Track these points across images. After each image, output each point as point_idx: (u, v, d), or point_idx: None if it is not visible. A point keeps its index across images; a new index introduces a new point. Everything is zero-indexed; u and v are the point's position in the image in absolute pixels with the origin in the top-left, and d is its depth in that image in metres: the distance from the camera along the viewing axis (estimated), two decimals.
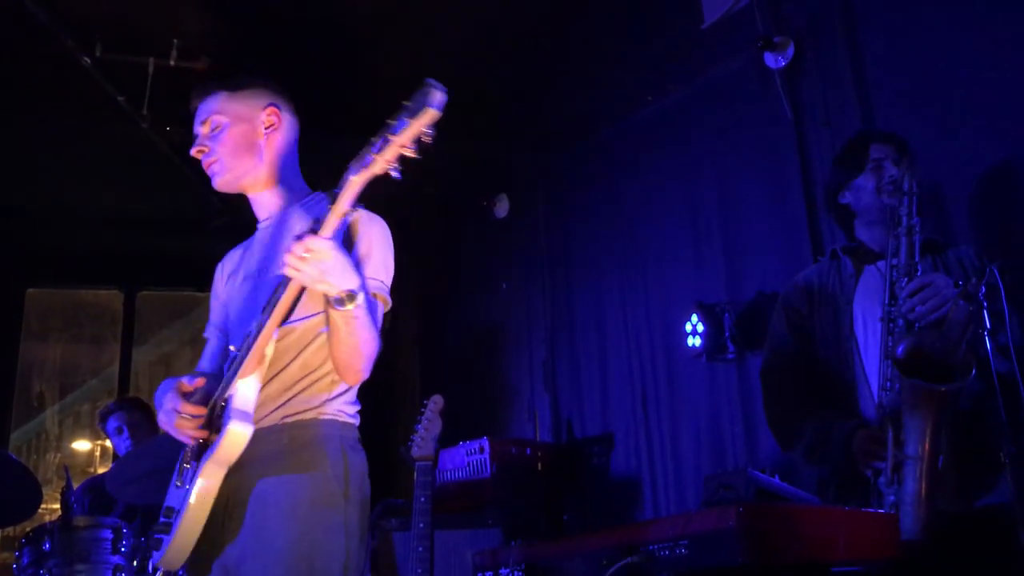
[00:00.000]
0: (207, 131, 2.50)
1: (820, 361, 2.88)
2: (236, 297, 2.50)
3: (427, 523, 3.62)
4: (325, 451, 2.30)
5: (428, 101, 1.83)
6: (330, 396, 2.36)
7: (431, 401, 3.93)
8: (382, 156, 1.89)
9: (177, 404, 2.24)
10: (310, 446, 2.29)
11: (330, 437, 2.33)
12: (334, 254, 2.05)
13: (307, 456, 2.28)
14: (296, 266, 2.05)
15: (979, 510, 2.43)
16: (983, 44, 3.22)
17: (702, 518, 2.16)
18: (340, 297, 2.10)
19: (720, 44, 4.32)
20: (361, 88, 5.13)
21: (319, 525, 2.22)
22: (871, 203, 2.87)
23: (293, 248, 2.04)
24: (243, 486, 2.25)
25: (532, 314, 5.58)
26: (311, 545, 2.19)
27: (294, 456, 2.27)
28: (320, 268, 2.05)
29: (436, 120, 1.85)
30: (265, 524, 2.21)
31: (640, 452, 4.54)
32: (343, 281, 2.09)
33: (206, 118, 2.51)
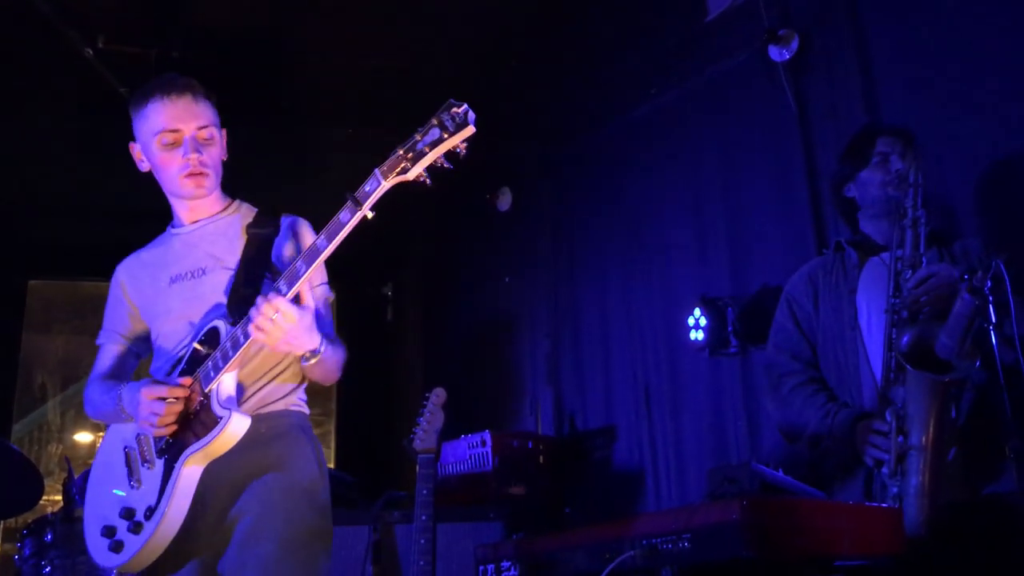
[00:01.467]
0: (203, 138, 2.43)
1: (824, 353, 2.89)
2: (167, 300, 2.46)
3: (429, 516, 3.62)
4: (303, 439, 2.39)
5: (468, 119, 1.97)
6: (296, 386, 2.46)
7: (433, 394, 3.92)
8: (419, 164, 2.01)
9: (163, 392, 2.23)
10: (288, 435, 2.37)
11: (302, 426, 2.43)
12: (298, 316, 2.13)
13: (289, 444, 2.35)
14: (263, 327, 2.11)
15: (984, 499, 2.42)
16: (988, 36, 3.20)
17: (705, 511, 2.15)
18: (305, 357, 2.24)
19: (724, 37, 4.31)
20: (367, 82, 5.13)
21: (311, 510, 2.29)
22: (876, 196, 2.87)
23: (261, 308, 2.10)
24: (224, 476, 2.26)
25: (535, 308, 5.58)
26: (308, 530, 2.25)
27: (276, 444, 2.32)
28: (284, 332, 2.13)
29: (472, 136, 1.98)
30: (264, 502, 2.23)
31: (643, 445, 4.53)
32: (306, 343, 2.20)
33: (206, 123, 2.44)
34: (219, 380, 2.23)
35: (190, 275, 2.45)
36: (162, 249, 2.58)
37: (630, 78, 4.81)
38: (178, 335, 2.42)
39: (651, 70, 4.70)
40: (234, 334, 2.22)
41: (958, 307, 2.31)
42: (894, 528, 2.26)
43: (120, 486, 2.36)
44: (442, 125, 1.97)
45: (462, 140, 1.98)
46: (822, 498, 2.69)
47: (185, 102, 2.40)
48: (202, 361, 2.29)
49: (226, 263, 2.43)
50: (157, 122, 2.39)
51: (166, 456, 2.26)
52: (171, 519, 2.20)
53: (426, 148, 1.99)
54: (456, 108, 1.97)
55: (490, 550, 2.93)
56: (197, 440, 2.21)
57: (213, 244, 2.48)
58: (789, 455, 3.39)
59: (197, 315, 2.39)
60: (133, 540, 2.23)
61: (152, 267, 2.55)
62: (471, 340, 6.35)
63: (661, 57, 4.63)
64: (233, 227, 2.51)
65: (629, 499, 4.55)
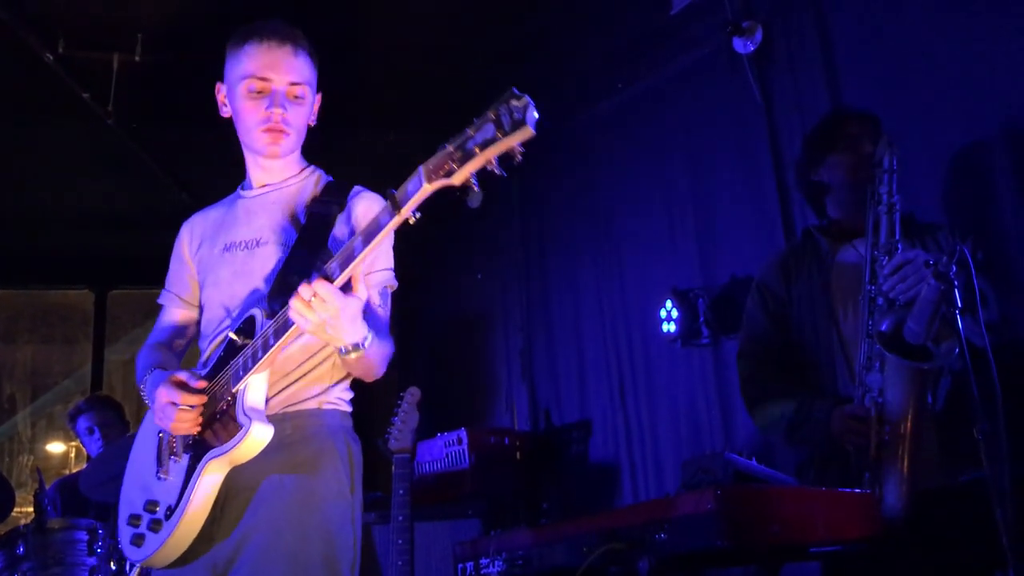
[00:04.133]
0: (292, 96, 2.24)
1: (798, 342, 2.89)
2: (218, 269, 2.29)
3: (406, 516, 3.62)
4: (333, 443, 2.22)
5: (526, 117, 1.64)
6: (331, 384, 2.27)
7: (408, 393, 3.92)
8: (465, 168, 1.71)
9: (176, 397, 2.08)
10: (317, 437, 2.19)
11: (334, 428, 2.25)
12: (341, 304, 1.89)
13: (315, 448, 2.18)
14: (301, 312, 1.90)
15: (962, 485, 2.45)
16: (951, 26, 3.24)
17: (681, 502, 2.17)
18: (345, 348, 1.99)
19: (689, 30, 4.33)
20: (331, 84, 5.09)
21: (332, 518, 2.14)
22: (846, 180, 2.85)
23: (300, 291, 1.89)
24: (244, 480, 2.12)
25: (508, 304, 5.58)
26: (325, 540, 2.11)
27: (301, 448, 2.16)
28: (324, 319, 1.90)
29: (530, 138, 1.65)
30: (277, 518, 2.08)
31: (618, 438, 4.55)
32: (349, 335, 1.96)
33: (300, 80, 2.25)
34: (246, 381, 2.06)
35: (244, 245, 2.28)
36: (226, 211, 2.40)
37: (596, 72, 4.83)
38: (220, 312, 2.26)
39: (617, 64, 4.72)
40: (266, 332, 2.03)
41: (924, 292, 2.33)
42: (868, 513, 2.28)
43: (150, 472, 2.24)
44: (498, 121, 1.65)
45: (519, 142, 1.67)
46: (795, 485, 2.71)
47: (284, 52, 2.23)
48: (236, 353, 2.11)
49: (283, 238, 2.25)
50: (248, 67, 2.22)
51: (191, 454, 2.13)
52: (188, 524, 2.09)
53: (476, 148, 1.68)
54: (516, 101, 1.64)
55: (469, 547, 2.93)
56: (219, 445, 2.07)
57: (274, 214, 2.30)
58: (762, 444, 3.42)
59: (241, 292, 2.22)
60: (152, 539, 2.13)
61: (214, 227, 2.37)
62: (444, 338, 6.34)
63: (627, 51, 4.64)
64: (298, 198, 2.32)
65: (606, 492, 4.56)
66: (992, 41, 3.09)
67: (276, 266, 2.20)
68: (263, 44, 2.22)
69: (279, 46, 2.22)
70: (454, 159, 1.71)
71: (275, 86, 2.22)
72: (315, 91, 2.33)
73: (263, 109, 2.22)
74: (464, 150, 1.70)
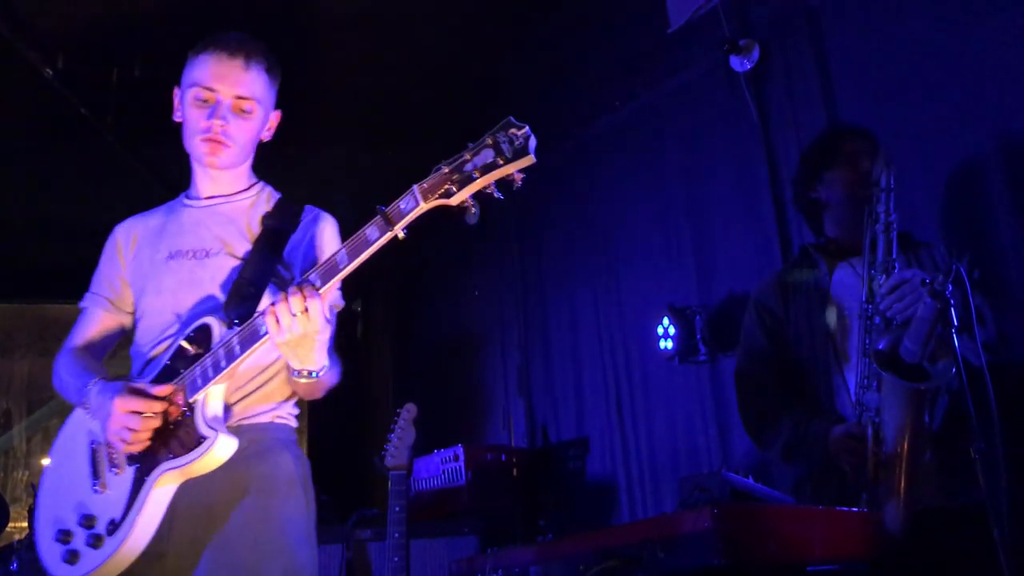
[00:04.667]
0: (238, 109, 2.23)
1: (795, 360, 2.88)
2: (161, 276, 2.24)
3: (402, 533, 3.60)
4: (288, 457, 2.19)
5: (528, 146, 1.75)
6: (283, 399, 2.25)
7: (404, 410, 3.91)
8: (465, 190, 1.78)
9: (140, 406, 2.00)
10: (271, 452, 2.16)
11: (287, 442, 2.23)
12: (321, 326, 1.89)
13: (271, 462, 2.15)
14: (282, 320, 1.87)
15: (960, 505, 2.44)
16: (947, 43, 3.25)
17: (678, 520, 2.16)
18: (299, 371, 2.01)
19: (686, 49, 4.35)
20: (330, 98, 5.11)
21: (290, 534, 2.10)
22: (843, 197, 2.85)
23: (290, 299, 1.86)
24: (195, 495, 2.06)
25: (505, 320, 5.58)
26: (285, 556, 2.06)
27: (257, 462, 2.12)
28: (302, 334, 1.89)
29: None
30: (235, 536, 2.03)
31: (615, 455, 4.54)
32: (312, 360, 1.98)
33: (247, 95, 2.23)
34: (206, 392, 2.02)
35: (192, 254, 2.24)
36: (169, 218, 2.35)
37: (594, 91, 4.84)
38: (164, 319, 2.19)
39: (615, 82, 4.73)
40: (230, 342, 2.00)
41: (921, 311, 2.33)
42: (866, 532, 2.27)
43: (82, 485, 2.11)
44: (497, 147, 1.75)
45: (519, 170, 1.76)
46: (793, 504, 2.70)
47: (234, 65, 2.21)
48: (188, 362, 2.07)
49: (234, 250, 2.23)
50: (198, 75, 2.22)
51: (137, 465, 2.04)
52: (136, 539, 1.99)
53: (476, 172, 1.76)
54: (516, 130, 1.75)
55: (465, 565, 2.92)
56: (174, 458, 2.00)
57: (223, 226, 2.27)
58: (759, 462, 3.42)
59: (189, 301, 2.18)
60: (91, 555, 2.01)
61: (155, 234, 2.32)
62: (442, 355, 6.33)
63: (624, 69, 4.66)
64: (251, 212, 2.31)
65: (603, 509, 4.55)
66: (988, 58, 3.10)
67: (231, 277, 2.18)
68: (215, 55, 2.22)
69: (230, 58, 2.21)
70: (452, 181, 1.78)
71: (220, 97, 2.21)
72: (270, 107, 2.31)
73: (204, 119, 2.22)
74: (462, 172, 1.77)
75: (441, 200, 1.79)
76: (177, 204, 2.38)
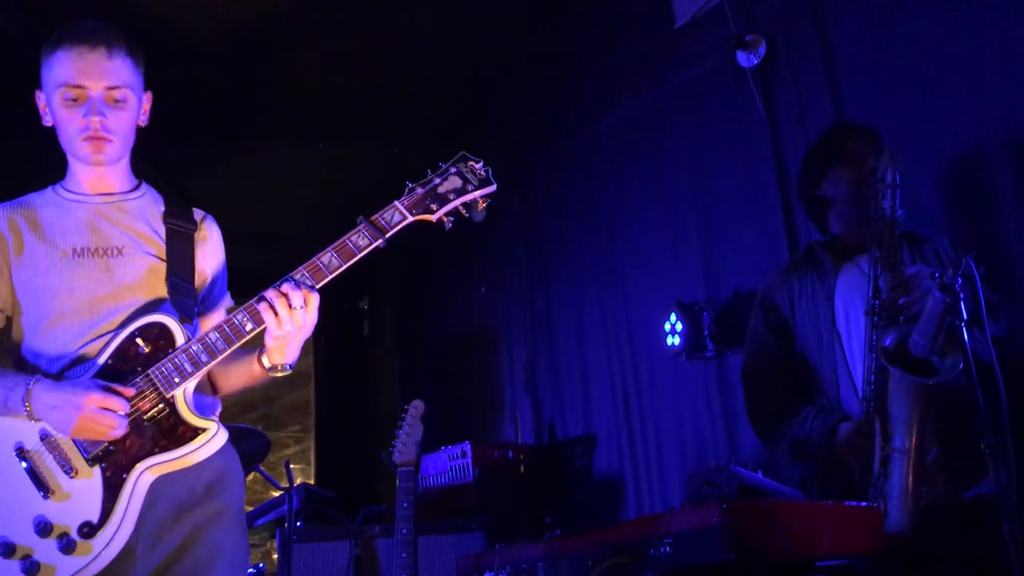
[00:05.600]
0: (111, 100, 2.16)
1: (801, 358, 2.88)
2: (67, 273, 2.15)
3: (410, 529, 3.60)
4: (232, 453, 2.22)
5: (490, 175, 2.20)
6: (216, 398, 2.31)
7: (412, 406, 3.91)
8: (443, 209, 2.18)
9: (112, 403, 1.96)
10: (222, 453, 2.14)
11: (229, 443, 2.20)
12: (312, 320, 2.05)
13: (225, 459, 2.17)
14: (283, 315, 1.99)
15: (967, 502, 2.44)
16: (953, 39, 3.24)
17: (686, 516, 2.16)
18: (275, 366, 2.13)
19: (693, 44, 4.34)
20: (331, 98, 5.11)
21: (243, 532, 2.19)
22: (848, 194, 2.85)
23: (289, 295, 2.00)
24: (163, 493, 2.05)
25: (512, 317, 5.58)
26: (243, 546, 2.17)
27: (215, 460, 2.11)
28: (299, 326, 2.03)
29: None
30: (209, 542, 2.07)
31: (622, 452, 4.54)
32: (294, 354, 2.12)
33: (117, 84, 2.15)
34: (184, 387, 2.04)
35: (102, 251, 2.17)
36: (56, 212, 2.23)
37: (600, 87, 4.84)
38: (84, 318, 2.12)
39: (621, 78, 4.72)
40: (205, 338, 2.04)
41: (930, 305, 2.33)
42: (874, 528, 2.27)
43: (23, 496, 2.00)
44: (463, 176, 2.16)
45: (483, 195, 2.19)
46: (801, 499, 2.70)
47: (97, 56, 2.12)
48: (143, 361, 2.05)
49: (148, 249, 2.21)
50: (61, 74, 2.12)
51: (103, 464, 2.00)
52: (120, 538, 1.97)
53: (450, 195, 2.16)
54: (474, 163, 2.18)
55: (473, 561, 2.93)
56: (161, 452, 2.00)
57: (130, 223, 2.23)
58: (767, 457, 3.41)
59: (113, 299, 2.13)
60: (68, 562, 1.94)
61: (47, 229, 2.20)
62: (448, 352, 6.34)
63: (631, 65, 4.65)
64: (149, 211, 2.28)
65: (610, 506, 4.55)
66: (994, 53, 3.09)
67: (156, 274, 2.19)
68: (74, 49, 2.12)
69: (91, 50, 2.12)
70: (432, 199, 2.17)
71: (91, 92, 2.13)
72: (141, 91, 2.25)
73: (80, 117, 2.14)
74: (436, 194, 2.17)
75: (424, 215, 2.16)
76: (54, 197, 2.28)
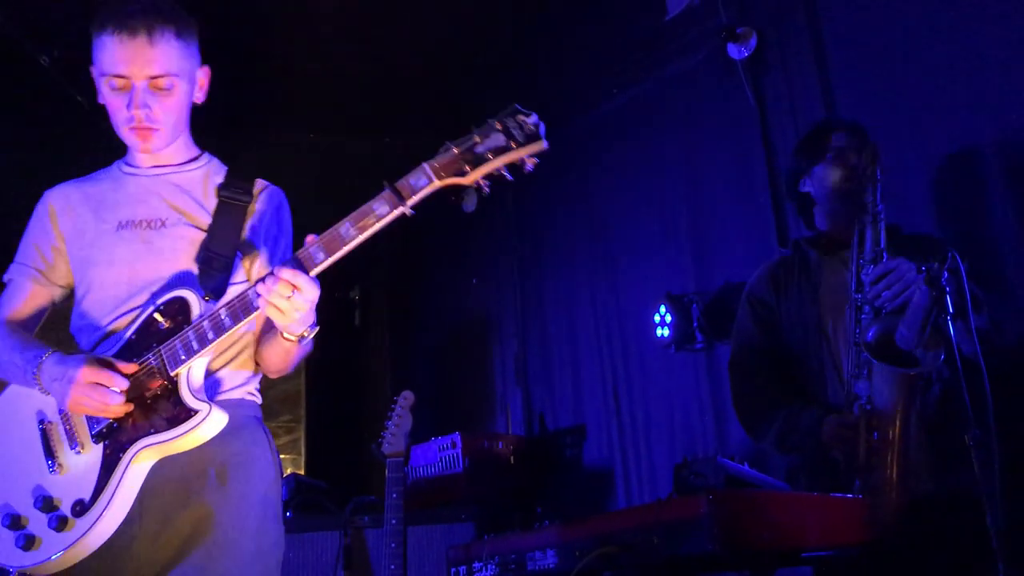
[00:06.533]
0: (156, 88, 2.08)
1: (788, 351, 2.90)
2: (111, 247, 2.12)
3: (399, 519, 3.61)
4: (261, 434, 2.13)
5: (540, 131, 1.82)
6: (252, 374, 2.19)
7: (401, 397, 3.92)
8: (478, 171, 1.80)
9: (105, 379, 1.90)
10: (246, 428, 2.09)
11: (258, 420, 2.17)
12: (315, 296, 1.87)
13: (246, 438, 2.08)
14: (277, 298, 1.83)
15: (952, 493, 2.46)
16: (944, 33, 3.25)
17: (673, 507, 2.17)
18: (292, 337, 1.97)
19: (684, 36, 4.34)
20: (326, 84, 5.10)
21: (267, 514, 2.06)
22: (833, 191, 2.87)
23: (278, 281, 1.82)
24: (170, 475, 1.96)
25: (502, 308, 5.59)
26: (259, 535, 2.02)
27: (232, 439, 2.02)
28: (296, 313, 1.87)
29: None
30: (218, 529, 1.96)
31: (612, 443, 4.56)
32: (304, 326, 1.95)
33: (162, 72, 2.07)
34: (189, 365, 1.95)
35: (146, 224, 2.12)
36: (110, 185, 2.22)
37: (591, 77, 4.83)
38: (118, 292, 2.08)
39: (612, 69, 4.72)
40: (216, 315, 1.92)
41: (917, 298, 2.34)
42: (860, 519, 2.28)
43: (33, 467, 1.98)
44: (507, 132, 1.80)
45: (531, 154, 1.82)
46: (788, 490, 2.71)
47: (138, 44, 2.03)
48: (161, 336, 1.97)
49: (193, 220, 2.14)
50: (105, 63, 2.07)
51: (106, 442, 1.94)
52: (109, 520, 1.88)
53: (488, 154, 1.80)
54: (524, 116, 1.82)
55: (462, 551, 2.93)
56: (156, 432, 1.91)
57: (177, 196, 2.17)
58: (754, 449, 3.43)
59: (148, 272, 2.08)
60: (54, 539, 1.89)
61: (96, 202, 2.19)
62: (439, 342, 6.34)
63: (622, 56, 4.65)
64: (201, 183, 2.21)
65: (600, 496, 4.57)
66: (985, 48, 3.10)
67: (193, 248, 2.10)
68: (115, 36, 2.05)
69: (131, 38, 2.04)
70: (465, 160, 1.80)
71: (135, 82, 2.06)
72: (194, 71, 2.17)
73: (125, 109, 2.09)
74: (474, 154, 1.80)
75: (455, 179, 1.81)
76: (115, 171, 2.26)
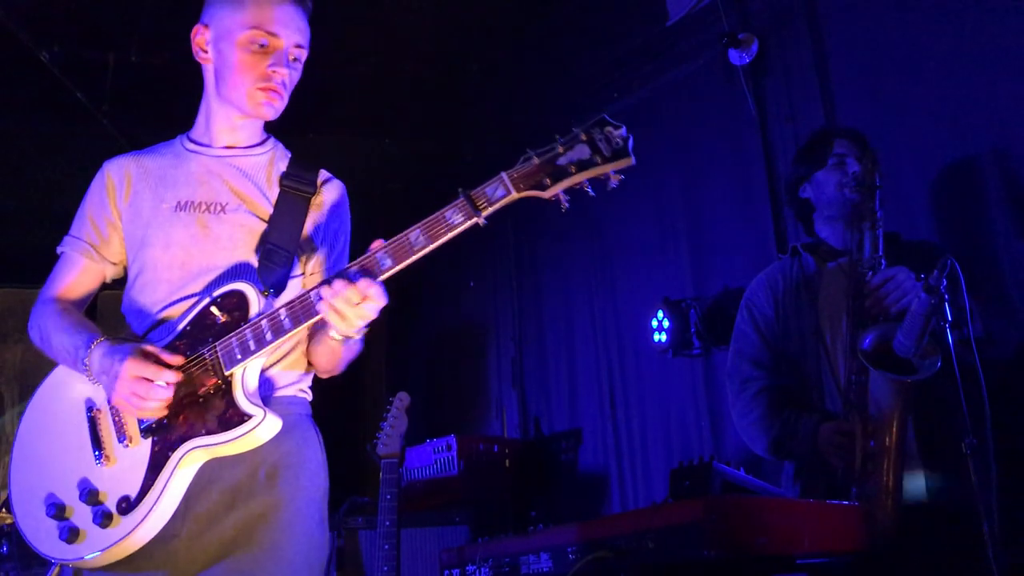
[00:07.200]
0: (294, 57, 2.04)
1: (785, 358, 2.90)
2: (168, 227, 2.03)
3: (393, 521, 3.60)
4: (313, 434, 2.06)
5: (628, 146, 1.71)
6: (304, 372, 2.12)
7: (397, 398, 3.91)
8: (560, 184, 1.74)
9: (151, 373, 1.82)
10: (298, 427, 2.02)
11: (310, 416, 2.10)
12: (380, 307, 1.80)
13: (298, 437, 2.00)
14: (341, 310, 1.75)
15: (947, 500, 2.45)
16: (945, 40, 3.25)
17: (668, 512, 2.17)
18: (339, 336, 1.88)
19: (685, 42, 4.34)
20: (328, 88, 5.09)
21: (314, 516, 1.97)
22: (833, 198, 2.87)
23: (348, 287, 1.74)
24: (218, 474, 1.89)
25: (500, 312, 5.58)
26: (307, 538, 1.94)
27: (285, 438, 1.93)
28: (359, 321, 1.78)
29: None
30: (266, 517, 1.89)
31: (608, 447, 4.55)
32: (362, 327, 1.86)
33: (303, 44, 2.04)
34: (245, 366, 1.85)
35: (205, 207, 2.02)
36: (172, 161, 2.11)
37: (592, 83, 4.83)
38: (174, 276, 1.99)
39: (613, 74, 4.72)
40: (276, 315, 1.83)
41: (915, 306, 2.34)
42: (856, 525, 2.28)
43: (80, 455, 1.90)
44: (593, 145, 1.71)
45: (617, 170, 1.72)
46: (783, 496, 2.71)
47: (294, 11, 2.02)
48: (218, 331, 1.88)
49: (254, 208, 2.04)
50: (256, 16, 1.99)
51: (155, 439, 1.86)
52: (154, 521, 1.81)
53: (571, 167, 1.72)
54: (613, 129, 1.72)
55: (455, 554, 2.92)
56: (207, 434, 1.82)
57: (239, 181, 2.07)
58: (751, 455, 3.42)
59: (204, 259, 1.99)
60: (99, 535, 1.82)
61: (155, 179, 2.08)
62: (435, 345, 6.33)
63: (622, 62, 4.65)
64: (265, 169, 2.12)
65: (595, 501, 4.56)
66: (986, 55, 3.10)
67: (253, 237, 2.02)
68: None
69: (295, 2, 2.03)
70: (545, 172, 1.74)
71: (283, 45, 2.01)
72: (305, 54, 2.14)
73: (265, 67, 2.00)
74: (556, 166, 1.74)
75: (534, 192, 1.76)
76: (178, 148, 2.16)
